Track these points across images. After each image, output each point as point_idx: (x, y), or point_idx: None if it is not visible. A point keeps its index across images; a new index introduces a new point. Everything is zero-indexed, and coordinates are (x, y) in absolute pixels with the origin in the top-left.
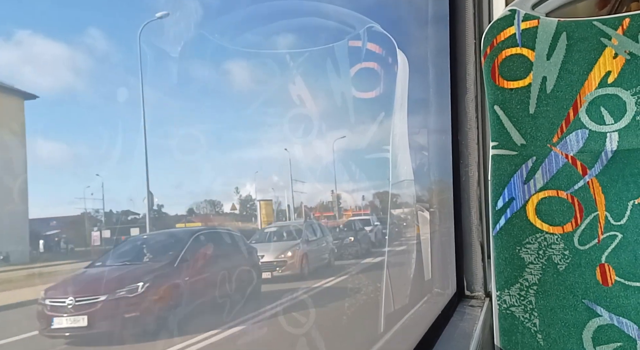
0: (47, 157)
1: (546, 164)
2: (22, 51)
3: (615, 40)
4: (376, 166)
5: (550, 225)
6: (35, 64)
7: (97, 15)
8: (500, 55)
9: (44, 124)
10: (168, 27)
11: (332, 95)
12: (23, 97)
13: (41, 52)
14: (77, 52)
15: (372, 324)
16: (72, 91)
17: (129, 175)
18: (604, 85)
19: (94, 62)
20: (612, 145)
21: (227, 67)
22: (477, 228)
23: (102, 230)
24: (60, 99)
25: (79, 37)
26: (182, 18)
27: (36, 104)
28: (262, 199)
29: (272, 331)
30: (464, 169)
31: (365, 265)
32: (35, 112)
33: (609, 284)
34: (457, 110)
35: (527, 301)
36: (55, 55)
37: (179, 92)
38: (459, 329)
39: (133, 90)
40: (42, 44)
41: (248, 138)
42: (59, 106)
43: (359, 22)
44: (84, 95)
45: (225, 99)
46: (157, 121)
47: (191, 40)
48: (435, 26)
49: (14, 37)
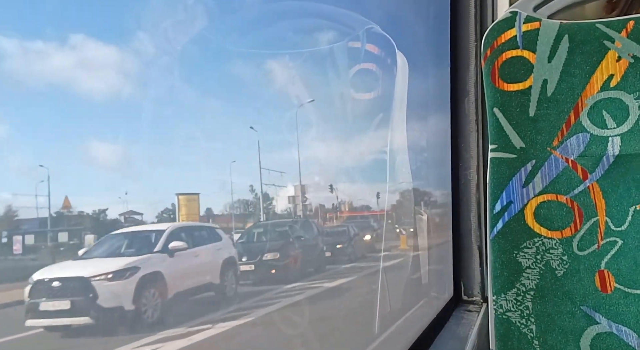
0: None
1: (546, 167)
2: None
3: (618, 43)
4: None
5: (549, 230)
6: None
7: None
8: (501, 58)
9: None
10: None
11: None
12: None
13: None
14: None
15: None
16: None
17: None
18: (607, 88)
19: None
20: (614, 149)
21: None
22: (475, 232)
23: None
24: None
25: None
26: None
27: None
28: (182, 193)
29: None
30: (463, 172)
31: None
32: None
33: (608, 291)
34: (457, 113)
35: (524, 306)
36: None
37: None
38: (454, 334)
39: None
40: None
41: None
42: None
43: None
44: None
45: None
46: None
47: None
48: (436, 28)
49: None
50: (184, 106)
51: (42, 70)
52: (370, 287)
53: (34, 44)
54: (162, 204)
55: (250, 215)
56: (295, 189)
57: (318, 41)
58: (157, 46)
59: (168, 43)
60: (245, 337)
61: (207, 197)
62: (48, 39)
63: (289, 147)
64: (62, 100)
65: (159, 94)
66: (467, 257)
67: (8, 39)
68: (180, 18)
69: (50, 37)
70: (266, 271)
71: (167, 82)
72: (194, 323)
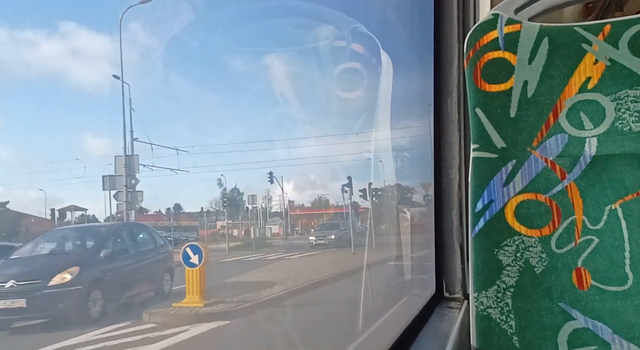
0: None
1: (526, 167)
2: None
3: (596, 46)
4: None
5: (529, 228)
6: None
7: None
8: (483, 59)
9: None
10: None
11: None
12: None
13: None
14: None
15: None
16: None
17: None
18: (584, 90)
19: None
20: (591, 150)
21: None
22: (457, 230)
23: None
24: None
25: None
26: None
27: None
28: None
29: None
30: (445, 171)
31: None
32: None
33: (584, 288)
34: (440, 113)
35: (504, 303)
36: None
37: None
38: (436, 330)
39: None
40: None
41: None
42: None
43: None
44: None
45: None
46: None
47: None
48: (419, 28)
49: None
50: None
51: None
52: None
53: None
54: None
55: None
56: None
57: (305, 40)
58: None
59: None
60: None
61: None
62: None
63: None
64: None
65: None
66: (449, 254)
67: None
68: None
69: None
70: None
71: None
72: None
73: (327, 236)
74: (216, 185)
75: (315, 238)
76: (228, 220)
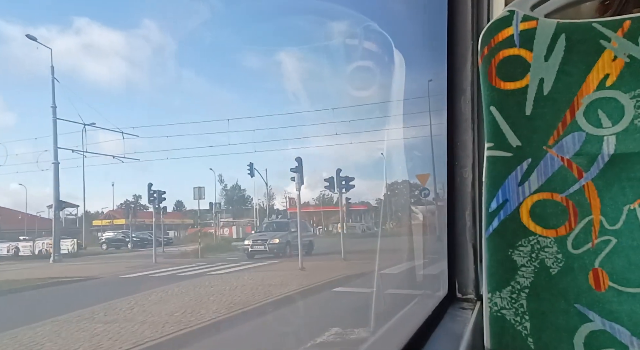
0: None
1: (541, 166)
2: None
3: (614, 43)
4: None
5: (544, 228)
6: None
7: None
8: (498, 56)
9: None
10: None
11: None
12: None
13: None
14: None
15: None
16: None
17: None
18: (602, 87)
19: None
20: (609, 148)
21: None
22: (470, 230)
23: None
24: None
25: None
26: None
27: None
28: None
29: None
30: (458, 170)
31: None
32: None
33: (602, 289)
34: (454, 111)
35: (519, 304)
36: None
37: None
38: (449, 331)
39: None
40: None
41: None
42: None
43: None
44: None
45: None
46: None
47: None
48: (432, 26)
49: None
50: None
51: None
52: None
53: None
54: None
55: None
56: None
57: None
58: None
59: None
60: None
61: None
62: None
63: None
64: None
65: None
66: (462, 255)
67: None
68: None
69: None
70: None
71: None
72: None
73: (267, 241)
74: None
75: (251, 243)
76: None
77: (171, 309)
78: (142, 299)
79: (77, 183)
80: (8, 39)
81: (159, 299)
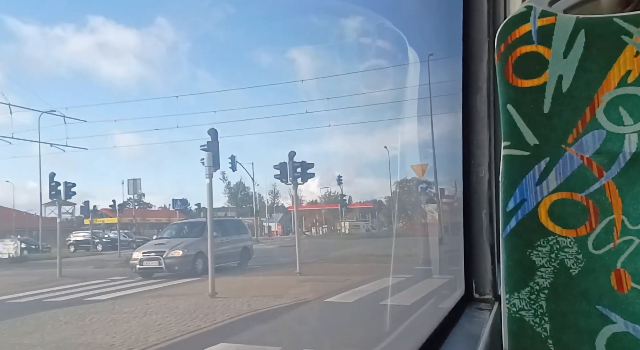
0: None
1: (560, 165)
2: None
3: (637, 38)
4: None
5: (564, 228)
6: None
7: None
8: (515, 53)
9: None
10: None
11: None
12: None
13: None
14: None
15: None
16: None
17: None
18: (624, 84)
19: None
20: (630, 147)
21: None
22: (487, 229)
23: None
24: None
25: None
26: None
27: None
28: None
29: None
30: (474, 169)
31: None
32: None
33: (624, 290)
34: (469, 110)
35: (538, 305)
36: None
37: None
38: (466, 332)
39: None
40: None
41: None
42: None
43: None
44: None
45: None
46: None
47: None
48: (447, 24)
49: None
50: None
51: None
52: None
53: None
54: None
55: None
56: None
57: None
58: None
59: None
60: None
61: None
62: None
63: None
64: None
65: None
66: (479, 255)
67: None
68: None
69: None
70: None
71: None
72: None
73: (165, 253)
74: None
75: (141, 257)
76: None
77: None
78: None
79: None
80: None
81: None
